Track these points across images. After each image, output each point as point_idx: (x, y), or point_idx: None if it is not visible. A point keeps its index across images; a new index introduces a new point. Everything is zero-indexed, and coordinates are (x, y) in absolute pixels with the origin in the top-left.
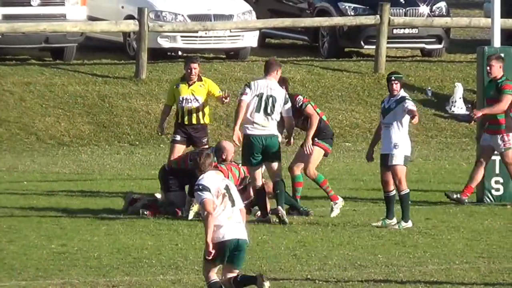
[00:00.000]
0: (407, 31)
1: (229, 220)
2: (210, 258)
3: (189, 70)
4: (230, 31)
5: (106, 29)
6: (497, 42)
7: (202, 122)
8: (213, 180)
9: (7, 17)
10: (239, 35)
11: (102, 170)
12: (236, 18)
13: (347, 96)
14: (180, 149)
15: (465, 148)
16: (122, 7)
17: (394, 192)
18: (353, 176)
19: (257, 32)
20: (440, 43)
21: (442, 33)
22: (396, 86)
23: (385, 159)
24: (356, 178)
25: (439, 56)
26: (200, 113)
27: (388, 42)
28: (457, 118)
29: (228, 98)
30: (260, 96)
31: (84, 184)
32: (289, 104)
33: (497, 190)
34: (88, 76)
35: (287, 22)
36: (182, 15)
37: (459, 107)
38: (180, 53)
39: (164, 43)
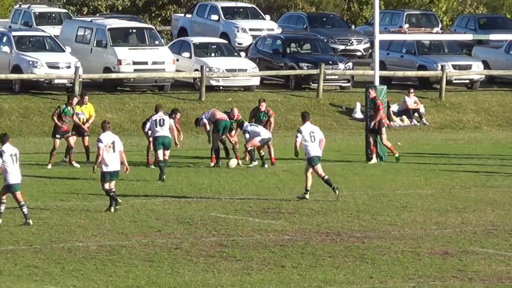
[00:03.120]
0: (332, 77)
1: None
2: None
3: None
4: (245, 77)
5: (184, 76)
6: (376, 82)
7: None
8: None
9: (136, 70)
10: (250, 79)
11: None
12: (249, 70)
13: (303, 109)
14: None
15: (361, 134)
16: (193, 65)
17: None
18: None
19: (259, 77)
20: (349, 82)
21: (350, 77)
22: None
23: None
24: None
25: (349, 89)
26: None
27: (323, 82)
28: (356, 120)
29: None
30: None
31: None
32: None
33: None
34: (176, 99)
35: (273, 72)
36: (222, 69)
37: (358, 114)
38: (221, 87)
39: (213, 82)
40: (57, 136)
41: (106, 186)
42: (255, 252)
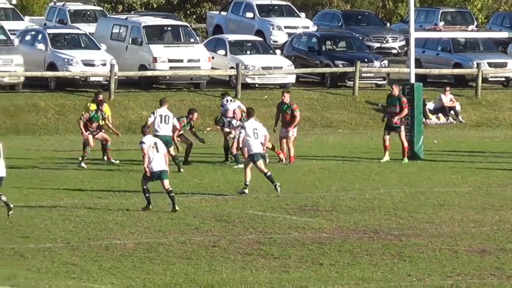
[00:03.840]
0: (368, 74)
1: None
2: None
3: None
4: (281, 75)
5: (220, 73)
6: (412, 80)
7: None
8: None
9: (172, 68)
10: (286, 77)
11: None
12: (284, 68)
13: (339, 107)
14: None
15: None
16: (228, 63)
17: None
18: (342, 146)
19: (294, 75)
20: (384, 80)
21: (385, 75)
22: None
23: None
24: (344, 147)
25: (384, 87)
26: None
27: (359, 80)
28: None
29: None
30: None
31: None
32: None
33: None
34: (211, 96)
35: (309, 70)
36: (258, 67)
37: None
38: (256, 85)
39: (249, 80)
40: (87, 133)
41: (147, 185)
42: (293, 250)
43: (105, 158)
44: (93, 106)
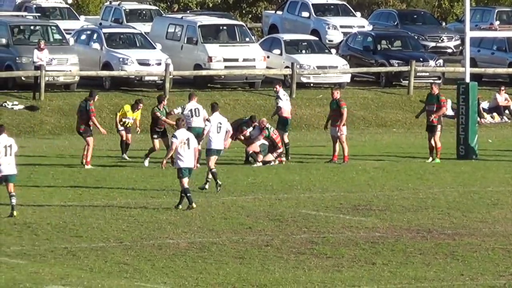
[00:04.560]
0: (423, 74)
1: None
2: None
3: None
4: (336, 74)
5: (275, 72)
6: (467, 79)
7: None
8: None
9: (227, 67)
10: (341, 76)
11: None
12: (339, 67)
13: (394, 106)
14: None
15: (452, 131)
16: (283, 62)
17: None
18: (397, 145)
19: (350, 75)
20: (440, 80)
21: (440, 74)
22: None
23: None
24: (398, 147)
25: (440, 87)
26: None
27: (414, 79)
28: (447, 117)
29: None
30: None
31: None
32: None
33: None
34: (266, 96)
35: (364, 69)
36: (313, 66)
37: (449, 111)
38: (311, 84)
39: (304, 79)
40: (154, 136)
41: (185, 182)
42: (346, 249)
43: (125, 156)
44: (127, 107)
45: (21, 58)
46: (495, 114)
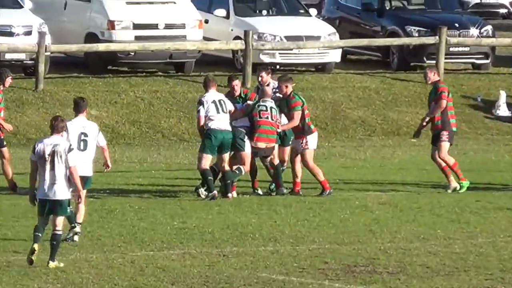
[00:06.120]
0: (460, 49)
1: None
2: None
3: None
4: (318, 49)
5: (218, 48)
6: None
7: None
8: None
9: (138, 38)
10: (325, 52)
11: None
12: (323, 38)
13: (412, 101)
14: None
15: (508, 143)
16: (232, 29)
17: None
18: (417, 166)
19: (340, 50)
20: (487, 59)
21: (488, 50)
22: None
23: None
24: (419, 168)
25: (486, 69)
26: None
27: (445, 58)
28: (500, 119)
29: None
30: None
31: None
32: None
33: None
34: (197, 83)
35: (364, 41)
36: (280, 36)
37: (503, 110)
38: (278, 66)
39: (265, 58)
40: None
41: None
42: None
43: None
44: None
45: None
46: None
